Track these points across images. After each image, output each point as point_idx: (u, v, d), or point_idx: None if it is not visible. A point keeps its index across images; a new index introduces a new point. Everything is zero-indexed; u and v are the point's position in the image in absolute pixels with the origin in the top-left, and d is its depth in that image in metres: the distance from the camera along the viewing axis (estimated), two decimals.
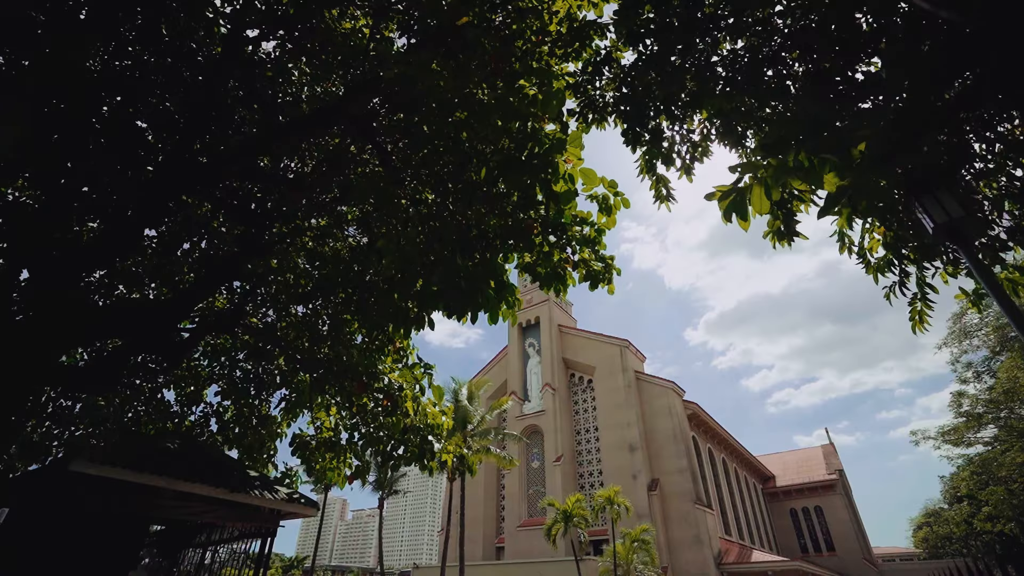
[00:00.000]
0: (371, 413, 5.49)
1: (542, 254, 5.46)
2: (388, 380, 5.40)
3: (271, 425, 7.60)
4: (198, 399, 8.47)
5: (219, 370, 8.64)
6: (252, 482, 5.93)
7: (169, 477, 4.94)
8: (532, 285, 50.25)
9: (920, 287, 4.08)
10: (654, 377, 40.90)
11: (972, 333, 24.67)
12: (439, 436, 5.65)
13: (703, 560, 32.48)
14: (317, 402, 6.61)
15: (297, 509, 6.29)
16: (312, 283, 6.54)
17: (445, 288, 4.33)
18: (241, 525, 6.39)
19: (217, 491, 5.30)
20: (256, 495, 5.60)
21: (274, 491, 6.10)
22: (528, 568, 30.43)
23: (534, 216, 5.42)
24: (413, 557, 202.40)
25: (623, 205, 4.53)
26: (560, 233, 5.46)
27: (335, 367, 6.01)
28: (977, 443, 25.39)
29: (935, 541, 59.77)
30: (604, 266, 5.47)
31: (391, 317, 5.20)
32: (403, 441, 5.55)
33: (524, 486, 41.62)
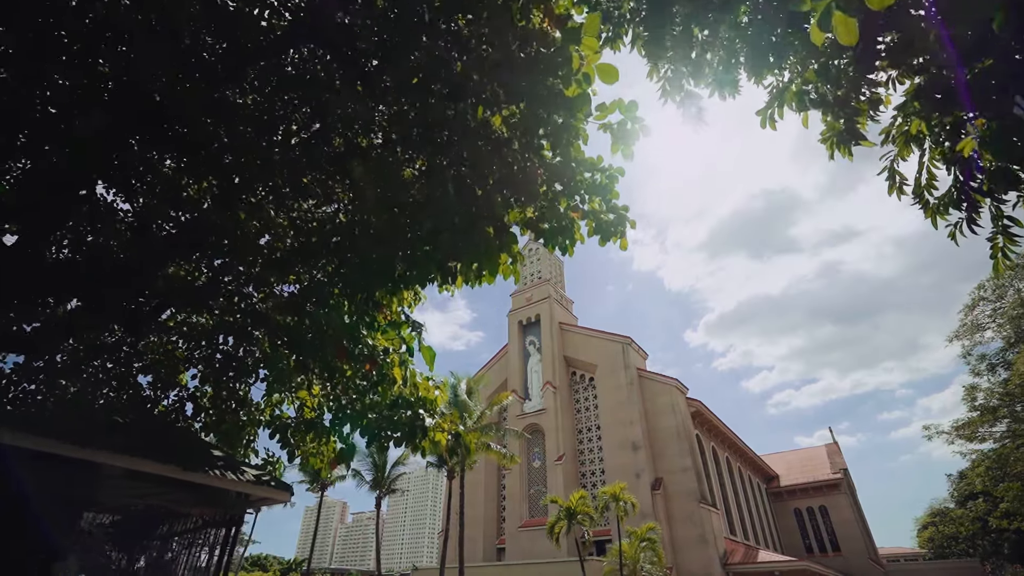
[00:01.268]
0: (354, 384, 4.81)
1: (547, 206, 4.82)
2: (371, 343, 4.73)
3: (250, 409, 6.94)
4: (173, 383, 7.81)
5: (198, 353, 8.00)
6: (214, 462, 5.26)
7: (108, 451, 4.26)
8: (533, 282, 49.70)
9: (997, 221, 3.45)
10: (657, 374, 40.25)
11: (985, 325, 24.06)
12: (432, 411, 5.01)
13: (708, 560, 31.79)
14: (298, 380, 5.95)
15: (267, 493, 5.62)
16: (291, 248, 5.91)
17: (436, 226, 3.69)
18: (204, 511, 5.73)
19: (167, 469, 4.61)
20: (216, 475, 4.93)
21: (240, 472, 5.42)
22: (529, 569, 29.73)
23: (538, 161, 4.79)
24: (414, 559, 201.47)
25: (642, 133, 3.90)
26: (567, 180, 4.82)
27: (318, 341, 5.39)
28: (990, 438, 24.74)
29: (941, 541, 59.04)
30: (616, 217, 4.83)
31: (375, 275, 4.56)
32: (392, 419, 4.90)
33: (525, 486, 40.91)
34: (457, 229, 3.80)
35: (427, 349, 4.26)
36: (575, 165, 4.75)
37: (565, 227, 4.89)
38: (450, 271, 5.30)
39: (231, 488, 5.25)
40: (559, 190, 4.87)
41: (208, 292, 6.90)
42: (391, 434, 5.24)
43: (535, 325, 46.95)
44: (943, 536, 58.07)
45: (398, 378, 4.44)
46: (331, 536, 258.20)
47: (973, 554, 50.97)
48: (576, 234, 5.03)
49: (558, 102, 3.87)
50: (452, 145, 4.41)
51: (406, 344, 4.21)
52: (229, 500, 5.58)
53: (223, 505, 5.62)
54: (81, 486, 4.72)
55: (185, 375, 8.44)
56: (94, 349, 8.04)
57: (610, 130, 4.05)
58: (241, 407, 6.86)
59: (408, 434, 5.20)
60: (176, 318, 8.19)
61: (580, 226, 4.95)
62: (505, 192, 4.81)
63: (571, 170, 4.73)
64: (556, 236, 5.01)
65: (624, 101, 3.86)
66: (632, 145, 4.02)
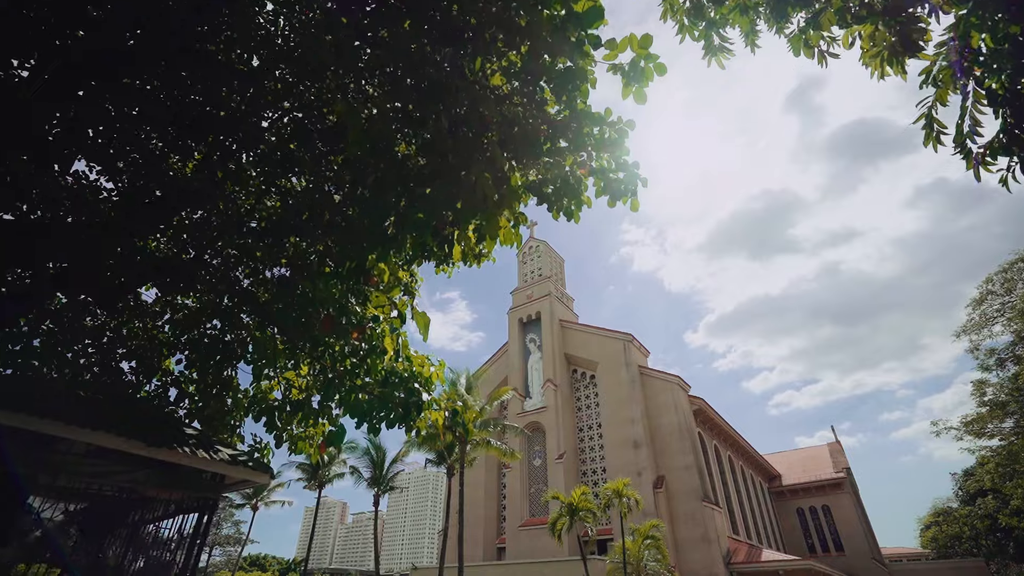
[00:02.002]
0: (341, 356, 4.41)
1: (551, 163, 4.44)
2: (360, 312, 4.34)
3: (236, 393, 6.57)
4: (156, 368, 7.45)
5: (184, 338, 7.63)
6: (184, 439, 4.85)
7: (61, 423, 3.85)
8: (533, 280, 49.26)
9: None
10: (658, 371, 39.83)
11: (994, 320, 23.64)
12: (427, 388, 4.63)
13: (711, 559, 31.35)
14: (285, 361, 5.57)
15: (245, 474, 5.20)
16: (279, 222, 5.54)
17: (429, 169, 3.31)
18: (175, 494, 5.30)
19: (129, 444, 4.18)
20: (186, 453, 4.50)
21: (214, 451, 5.01)
22: (530, 568, 29.30)
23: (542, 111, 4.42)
24: (414, 559, 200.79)
25: (656, 72, 3.53)
26: (573, 134, 4.45)
27: (303, 316, 5.02)
28: (998, 435, 24.31)
29: (944, 541, 58.60)
30: (626, 175, 4.45)
31: (366, 238, 4.18)
32: (383, 398, 4.52)
33: (526, 485, 40.49)
34: (453, 168, 3.42)
35: (421, 315, 3.88)
36: (581, 118, 4.38)
37: (571, 187, 4.51)
38: (446, 239, 4.93)
39: (203, 468, 4.84)
40: (564, 146, 4.49)
41: (191, 269, 6.52)
42: (383, 415, 4.86)
43: (535, 323, 46.53)
44: (946, 536, 57.62)
45: (389, 348, 4.06)
46: (331, 536, 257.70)
47: (977, 554, 50.53)
48: (583, 195, 4.65)
49: (563, 39, 3.49)
50: (448, 93, 4.04)
51: (398, 311, 3.82)
52: (202, 482, 5.18)
53: (196, 488, 5.21)
54: (29, 464, 4.30)
55: (170, 361, 8.08)
56: (73, 332, 7.68)
57: (620, 71, 3.68)
58: (226, 391, 6.48)
59: (401, 414, 4.81)
60: (162, 300, 7.84)
61: (587, 185, 4.57)
62: (506, 155, 4.44)
63: (577, 123, 4.36)
64: (561, 198, 4.64)
65: (636, 36, 3.48)
66: (646, 87, 3.64)
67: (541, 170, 4.81)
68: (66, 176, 6.20)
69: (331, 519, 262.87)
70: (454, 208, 4.27)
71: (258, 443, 6.59)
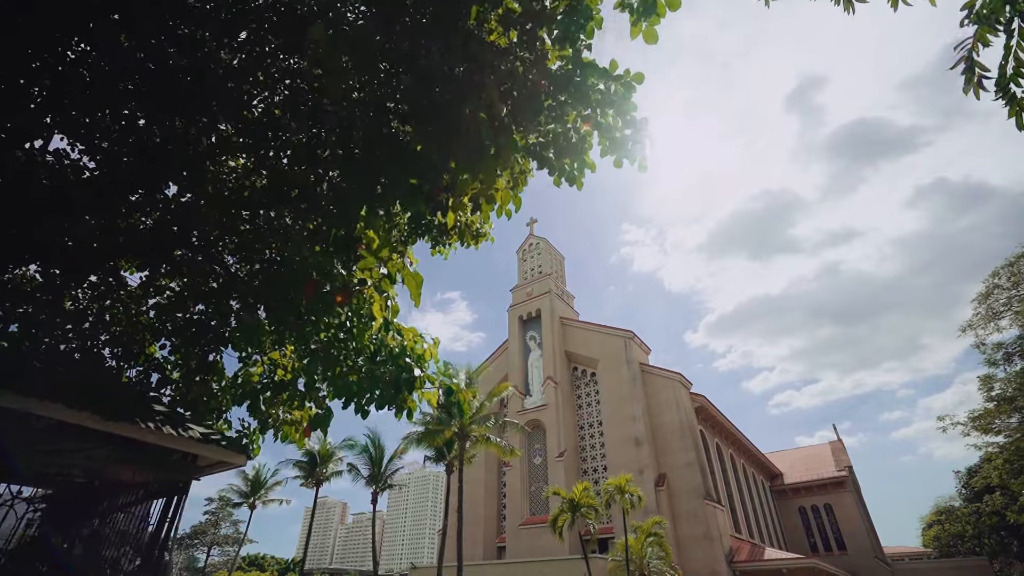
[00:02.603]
0: (325, 325, 4.04)
1: (554, 116, 4.11)
2: (345, 276, 3.98)
3: (221, 378, 6.23)
4: (139, 353, 7.12)
5: (169, 324, 7.29)
6: (150, 415, 4.47)
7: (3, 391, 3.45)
8: (533, 277, 48.92)
9: None
10: (660, 369, 39.49)
11: (1000, 314, 23.28)
12: (419, 364, 4.29)
13: (714, 558, 31.01)
14: (267, 340, 5.22)
15: (218, 454, 4.81)
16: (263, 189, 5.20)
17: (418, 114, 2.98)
18: (139, 475, 4.92)
19: (83, 417, 3.79)
20: (150, 428, 4.12)
21: (184, 428, 4.63)
22: (531, 567, 28.97)
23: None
24: (414, 559, 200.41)
25: (669, 7, 3.20)
26: (576, 89, 4.12)
27: (290, 295, 4.69)
28: (1005, 430, 23.93)
29: (947, 540, 58.26)
30: (634, 132, 4.12)
31: (353, 199, 3.84)
32: (372, 376, 4.18)
33: (526, 483, 40.14)
34: (445, 107, 3.08)
35: (413, 276, 3.53)
36: (585, 71, 4.05)
37: (574, 145, 4.17)
38: (440, 205, 4.60)
39: (171, 446, 4.46)
40: (566, 102, 4.16)
41: (175, 245, 6.19)
42: (371, 395, 4.52)
43: (535, 320, 46.19)
44: (949, 535, 57.27)
45: (378, 316, 3.72)
46: (331, 537, 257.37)
47: (980, 552, 50.19)
48: (586, 155, 4.32)
49: None
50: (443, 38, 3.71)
51: (388, 273, 3.47)
52: (172, 463, 4.80)
53: (164, 469, 4.83)
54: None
55: (154, 347, 7.75)
56: (52, 315, 7.35)
57: (628, 8, 3.34)
58: (210, 375, 6.15)
59: (392, 394, 4.48)
60: (146, 283, 7.51)
61: (591, 143, 4.24)
62: (505, 110, 4.11)
63: (580, 76, 4.02)
64: (563, 157, 4.30)
65: None
66: (657, 24, 3.31)
67: (542, 131, 4.48)
68: (45, 154, 5.89)
69: (331, 519, 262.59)
70: (447, 164, 3.93)
71: (245, 429, 6.26)
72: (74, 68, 5.27)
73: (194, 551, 61.92)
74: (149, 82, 5.19)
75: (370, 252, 3.35)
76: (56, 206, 4.87)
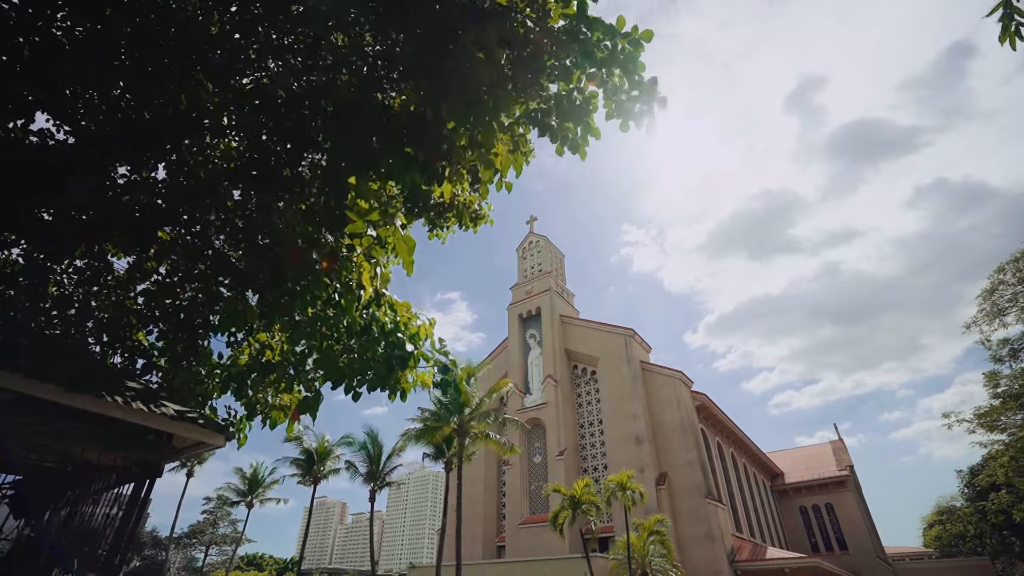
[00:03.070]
0: (312, 298, 3.76)
1: (557, 75, 3.85)
2: (331, 242, 3.71)
3: (208, 363, 5.98)
4: (124, 339, 6.87)
5: (158, 311, 7.04)
6: (119, 390, 4.18)
7: None
8: (533, 275, 48.66)
9: None
10: (660, 367, 39.23)
11: (1006, 310, 23.02)
12: (413, 341, 4.02)
13: (715, 557, 30.74)
14: (254, 321, 4.96)
15: (194, 433, 4.51)
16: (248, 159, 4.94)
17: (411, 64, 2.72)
18: (107, 456, 4.62)
19: (43, 389, 3.49)
20: (116, 403, 3.84)
21: (157, 404, 4.34)
22: (530, 566, 28.70)
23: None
24: (414, 559, 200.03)
25: None
26: (579, 48, 3.86)
27: (272, 253, 4.45)
28: (1011, 427, 23.66)
29: (948, 540, 57.97)
30: (642, 93, 3.86)
31: (345, 160, 3.58)
32: (363, 350, 3.93)
33: (526, 482, 39.88)
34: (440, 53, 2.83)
35: (404, 241, 3.25)
36: (590, 26, 3.79)
37: (578, 107, 3.91)
38: (436, 174, 4.34)
39: (140, 422, 4.17)
40: (570, 60, 3.90)
41: (159, 220, 5.92)
42: (362, 376, 4.26)
43: (535, 318, 45.93)
44: (950, 534, 56.98)
45: (367, 285, 3.45)
46: (331, 536, 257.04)
47: (982, 552, 49.91)
48: (591, 119, 4.06)
49: None
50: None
51: (377, 236, 3.20)
52: (145, 443, 4.51)
53: (137, 449, 4.53)
54: None
55: (142, 334, 7.50)
56: (36, 299, 7.10)
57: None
58: (196, 360, 5.89)
59: (383, 375, 4.21)
60: (133, 267, 7.27)
61: (597, 104, 3.98)
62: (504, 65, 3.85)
63: (585, 33, 3.76)
64: (566, 121, 4.04)
65: None
66: None
67: (544, 96, 4.22)
68: (28, 135, 5.64)
69: (330, 519, 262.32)
70: (443, 128, 3.67)
71: (232, 416, 6.00)
72: (54, 38, 5.03)
73: (192, 550, 61.64)
74: (133, 49, 4.95)
75: (359, 216, 3.09)
76: (40, 182, 4.63)
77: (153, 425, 4.32)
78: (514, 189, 5.00)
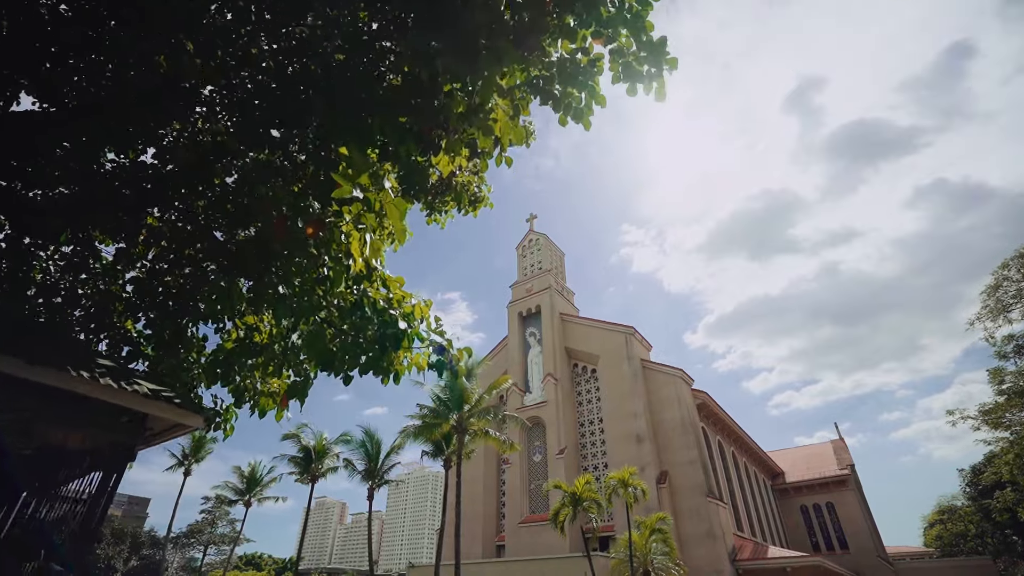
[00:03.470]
0: (298, 270, 3.50)
1: (559, 33, 3.61)
2: (318, 207, 3.45)
3: (195, 350, 5.74)
4: (108, 326, 6.63)
5: (147, 299, 6.82)
6: (88, 366, 3.93)
7: None
8: (533, 273, 48.42)
9: None
10: (661, 365, 39.00)
11: (1011, 306, 22.78)
12: (407, 319, 3.77)
13: (717, 556, 30.52)
14: (241, 304, 4.72)
15: (169, 413, 4.28)
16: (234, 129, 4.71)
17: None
18: (78, 439, 4.35)
19: (4, 361, 3.26)
20: (83, 377, 3.58)
21: (129, 382, 4.09)
22: (530, 565, 28.47)
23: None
24: (413, 559, 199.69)
25: None
26: (584, 6, 3.62)
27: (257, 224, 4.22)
28: (1015, 425, 23.43)
29: (949, 539, 57.76)
30: (650, 54, 3.63)
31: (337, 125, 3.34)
32: (353, 329, 3.69)
33: (526, 481, 39.63)
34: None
35: (395, 205, 3.01)
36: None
37: (583, 69, 3.68)
38: (432, 144, 4.11)
39: (109, 400, 3.92)
40: (574, 20, 3.67)
41: (148, 199, 5.68)
42: (352, 357, 4.02)
43: (535, 316, 45.68)
44: (951, 534, 56.77)
45: (356, 254, 3.21)
46: (330, 536, 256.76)
47: (983, 552, 49.69)
48: (596, 83, 3.82)
49: None
50: None
51: (365, 198, 2.97)
52: (117, 425, 4.27)
53: (108, 430, 4.27)
54: None
55: (131, 322, 7.27)
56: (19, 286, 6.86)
57: None
58: (183, 346, 5.65)
59: (375, 358, 3.98)
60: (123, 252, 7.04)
61: (603, 67, 3.74)
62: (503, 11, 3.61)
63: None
64: (570, 85, 3.80)
65: None
66: None
67: (546, 62, 3.98)
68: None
69: (330, 519, 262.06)
70: (439, 90, 3.43)
71: (219, 405, 5.76)
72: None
73: (190, 550, 61.37)
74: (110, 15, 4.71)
75: (347, 180, 2.86)
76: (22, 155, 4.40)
77: (125, 404, 4.07)
78: (513, 190, 4.83)
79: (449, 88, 3.55)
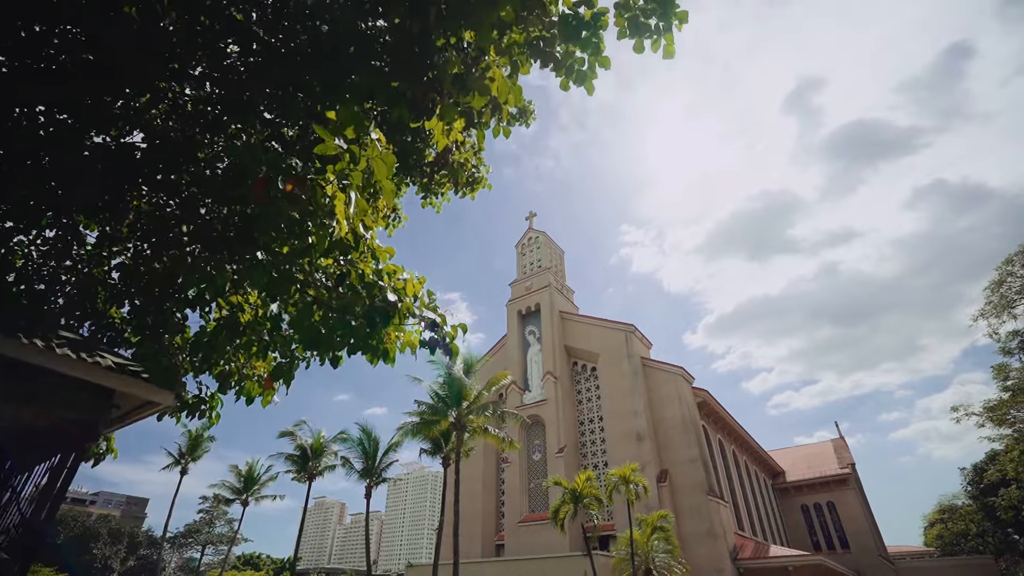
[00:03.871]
0: (279, 236, 3.21)
1: None
2: (300, 165, 3.18)
3: (179, 334, 5.50)
4: (92, 312, 6.39)
5: (134, 288, 6.57)
6: (47, 336, 3.64)
7: None
8: (532, 271, 48.18)
9: None
10: (661, 363, 38.77)
11: (1015, 302, 22.57)
12: (396, 291, 3.51)
13: (718, 555, 30.29)
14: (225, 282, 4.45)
15: (136, 388, 3.94)
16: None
17: None
18: (31, 416, 4.00)
19: None
20: (36, 345, 3.25)
21: (91, 353, 3.79)
22: (530, 564, 28.20)
23: None
24: (413, 559, 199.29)
25: None
26: None
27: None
28: (1019, 422, 23.23)
29: (950, 538, 57.61)
30: (657, 7, 3.38)
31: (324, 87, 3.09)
32: (341, 305, 3.44)
33: (525, 480, 39.39)
34: None
35: (382, 159, 2.76)
36: None
37: (587, 23, 3.43)
38: (425, 109, 3.85)
39: (68, 372, 3.60)
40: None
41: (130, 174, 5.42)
42: (340, 336, 3.77)
43: (535, 315, 45.43)
44: (952, 533, 56.61)
45: (340, 216, 2.95)
46: (330, 536, 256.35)
47: (984, 551, 49.51)
48: (600, 42, 3.57)
49: None
50: None
51: (348, 149, 2.70)
52: (81, 401, 3.97)
53: (71, 408, 3.97)
54: None
55: (115, 309, 7.02)
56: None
57: None
58: (167, 330, 5.40)
59: (364, 336, 3.72)
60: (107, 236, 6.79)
61: (608, 22, 3.49)
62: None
63: None
64: (572, 41, 3.55)
65: None
66: None
67: (547, 21, 3.73)
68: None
69: (329, 519, 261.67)
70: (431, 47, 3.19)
71: (204, 392, 5.52)
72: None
73: (188, 550, 61.07)
74: None
75: (330, 134, 2.61)
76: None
77: (83, 376, 3.77)
78: (514, 190, 4.59)
79: (443, 42, 3.31)
